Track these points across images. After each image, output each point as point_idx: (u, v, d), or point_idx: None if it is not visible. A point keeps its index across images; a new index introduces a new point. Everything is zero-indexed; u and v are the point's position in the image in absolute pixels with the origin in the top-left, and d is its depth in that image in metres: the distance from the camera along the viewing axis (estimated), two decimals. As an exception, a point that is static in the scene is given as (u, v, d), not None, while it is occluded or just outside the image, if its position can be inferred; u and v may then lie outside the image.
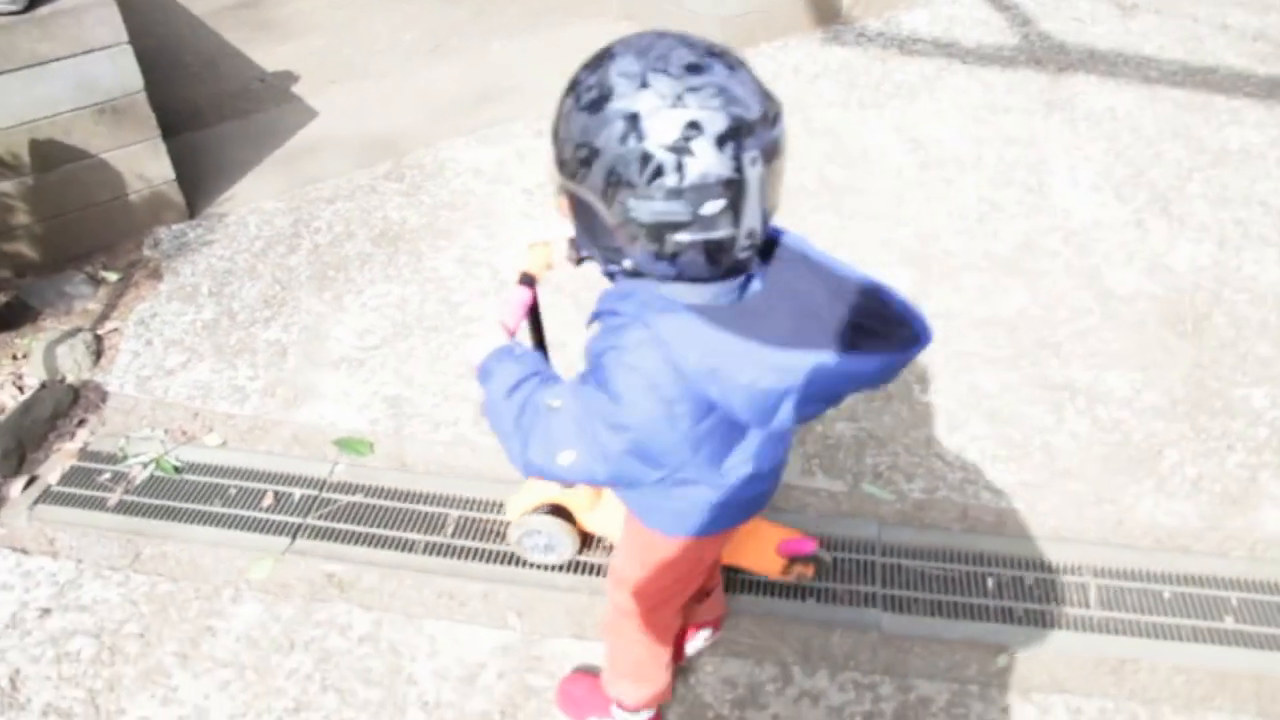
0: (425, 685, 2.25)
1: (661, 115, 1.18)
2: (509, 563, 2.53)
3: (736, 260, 1.28)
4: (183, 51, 5.28)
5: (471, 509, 2.69)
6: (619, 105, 1.20)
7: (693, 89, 1.18)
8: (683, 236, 1.24)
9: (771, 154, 1.22)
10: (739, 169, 1.19)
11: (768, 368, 1.25)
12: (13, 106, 3.45)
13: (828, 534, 2.58)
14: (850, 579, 2.49)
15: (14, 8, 3.33)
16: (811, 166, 4.04)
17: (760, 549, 2.36)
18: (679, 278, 1.31)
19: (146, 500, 2.74)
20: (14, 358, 3.28)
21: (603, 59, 1.25)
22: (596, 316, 1.38)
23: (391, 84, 4.91)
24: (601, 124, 1.22)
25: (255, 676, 2.28)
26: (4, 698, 2.25)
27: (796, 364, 1.24)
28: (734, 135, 1.18)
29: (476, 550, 2.57)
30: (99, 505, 2.72)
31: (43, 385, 3.11)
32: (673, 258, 1.27)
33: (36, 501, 2.74)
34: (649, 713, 2.11)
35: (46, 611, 2.44)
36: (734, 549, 2.33)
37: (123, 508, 2.71)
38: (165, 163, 3.83)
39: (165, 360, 3.22)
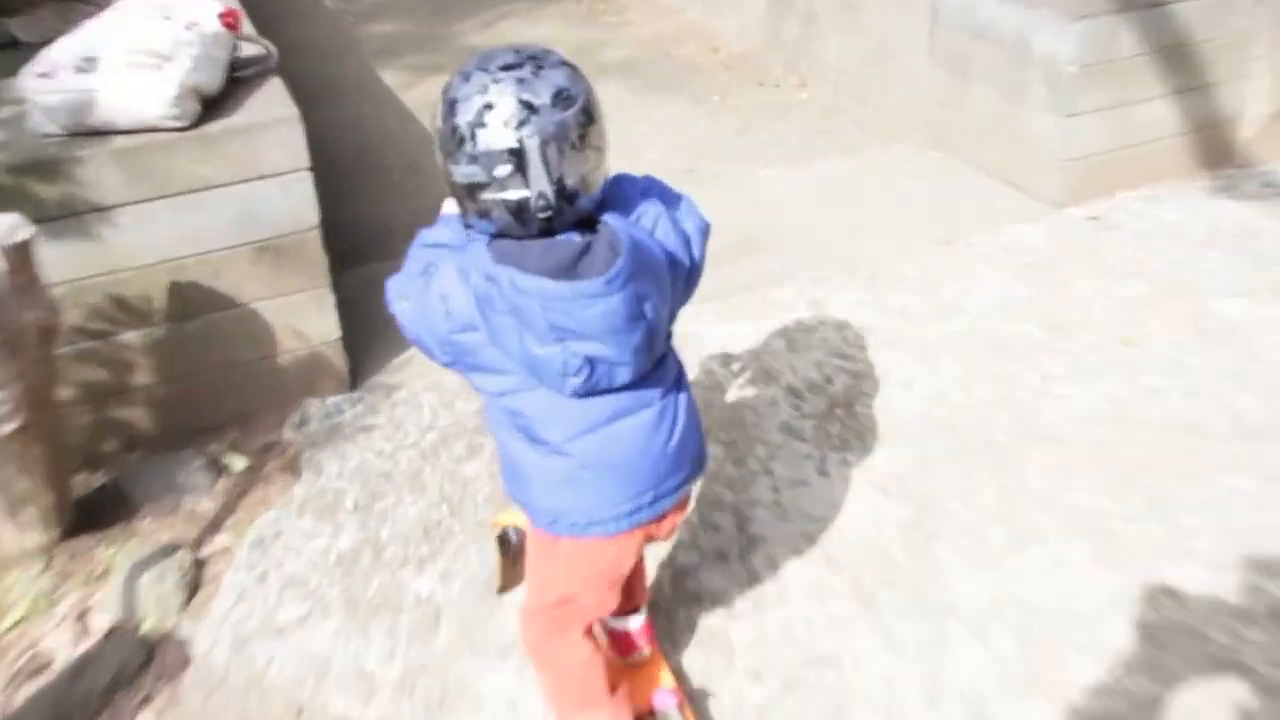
0: None
1: (470, 100, 1.70)
2: None
3: (539, 219, 1.73)
4: (386, 151, 4.91)
5: None
6: (449, 95, 1.74)
7: (497, 81, 1.70)
8: (487, 195, 1.73)
9: (555, 133, 1.69)
10: (520, 141, 1.68)
11: (488, 261, 1.75)
12: (156, 239, 3.10)
13: None
14: None
15: (179, 123, 2.98)
16: (1206, 389, 3.17)
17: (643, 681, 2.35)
18: (502, 235, 1.77)
19: None
20: (88, 577, 2.80)
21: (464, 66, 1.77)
22: None
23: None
24: (440, 109, 1.75)
25: None
26: None
27: (516, 278, 1.71)
28: (518, 115, 1.68)
29: None
30: None
31: (110, 632, 2.60)
32: (488, 215, 1.75)
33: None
34: None
35: None
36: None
37: None
38: (330, 318, 3.39)
39: (279, 610, 2.66)
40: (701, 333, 3.59)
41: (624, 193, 1.90)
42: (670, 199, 1.97)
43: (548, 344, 1.76)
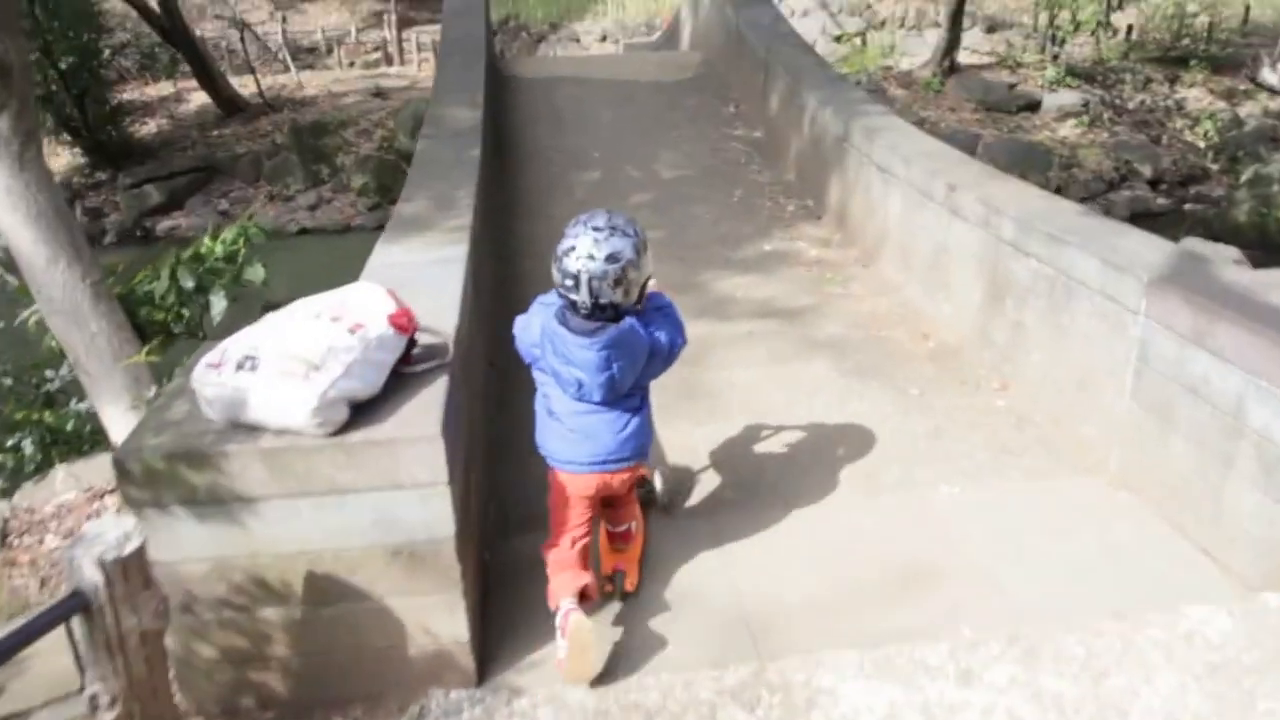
0: None
1: (568, 237, 2.78)
2: None
3: (582, 313, 2.81)
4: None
5: None
6: (565, 228, 2.82)
7: (586, 233, 2.76)
8: (561, 290, 2.80)
9: (599, 273, 2.73)
10: (577, 272, 2.74)
11: (550, 316, 2.88)
12: (297, 533, 2.69)
13: None
14: None
15: (322, 431, 2.58)
16: None
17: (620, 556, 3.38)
18: (567, 309, 2.87)
19: None
20: None
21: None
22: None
23: (783, 536, 3.67)
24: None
25: None
26: None
27: (556, 328, 2.84)
28: (583, 257, 2.73)
29: None
30: None
31: None
32: (560, 294, 2.84)
33: None
34: (567, 603, 2.96)
35: None
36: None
37: None
38: (460, 622, 2.87)
39: None
40: (837, 689, 2.89)
41: (651, 304, 2.99)
42: (671, 316, 3.05)
43: (561, 364, 2.90)
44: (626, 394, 2.99)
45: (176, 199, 16.56)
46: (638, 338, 2.87)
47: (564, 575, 3.02)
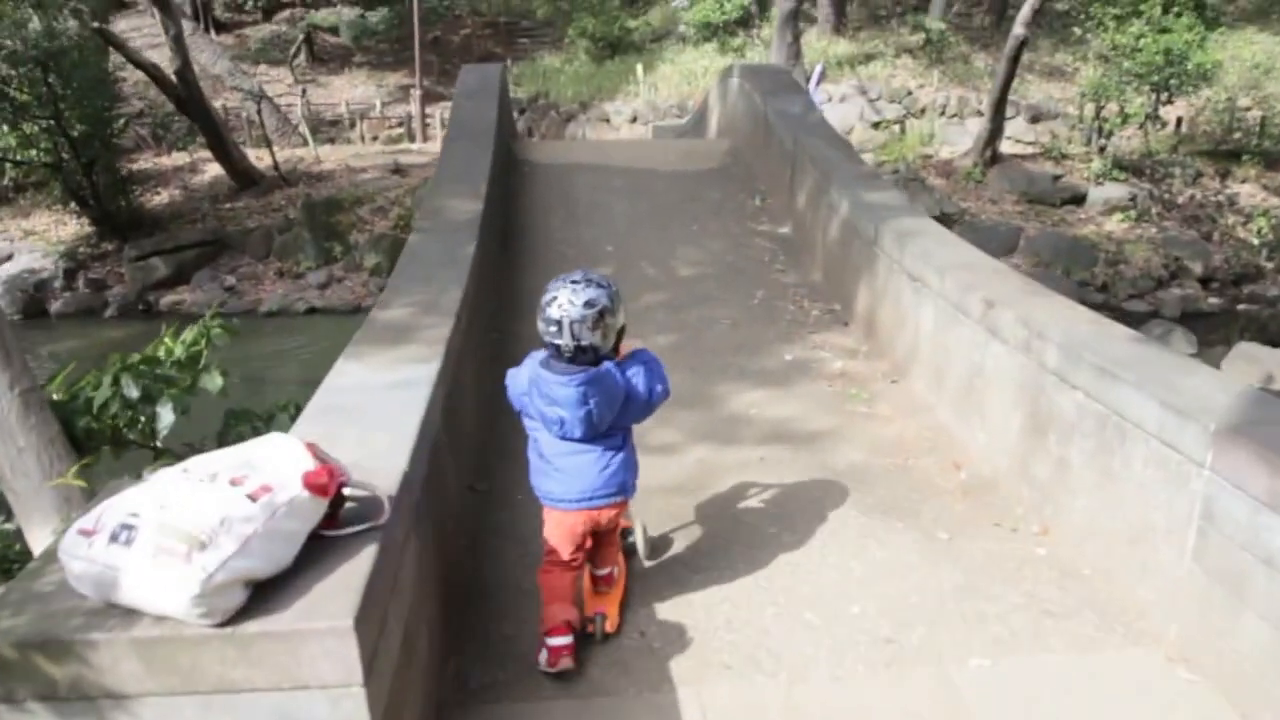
0: None
1: (549, 291, 3.19)
2: None
3: (567, 357, 3.20)
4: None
5: None
6: (547, 284, 3.21)
7: (565, 287, 3.18)
8: (546, 337, 3.20)
9: (578, 319, 3.14)
10: (559, 318, 3.14)
11: (536, 364, 3.30)
12: None
13: None
14: None
15: (207, 621, 2.18)
16: None
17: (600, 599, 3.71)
18: (553, 356, 3.27)
19: None
20: None
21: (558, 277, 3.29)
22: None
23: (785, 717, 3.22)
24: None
25: None
26: None
27: (541, 371, 3.25)
28: (563, 305, 3.14)
29: None
30: None
31: None
32: (546, 345, 3.24)
33: None
34: (560, 639, 3.37)
35: None
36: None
37: None
38: None
39: None
40: None
41: (634, 356, 3.41)
42: (654, 368, 3.43)
43: (545, 405, 3.29)
44: (608, 434, 3.38)
45: (183, 273, 16.47)
46: (613, 380, 3.28)
47: (555, 606, 3.44)
